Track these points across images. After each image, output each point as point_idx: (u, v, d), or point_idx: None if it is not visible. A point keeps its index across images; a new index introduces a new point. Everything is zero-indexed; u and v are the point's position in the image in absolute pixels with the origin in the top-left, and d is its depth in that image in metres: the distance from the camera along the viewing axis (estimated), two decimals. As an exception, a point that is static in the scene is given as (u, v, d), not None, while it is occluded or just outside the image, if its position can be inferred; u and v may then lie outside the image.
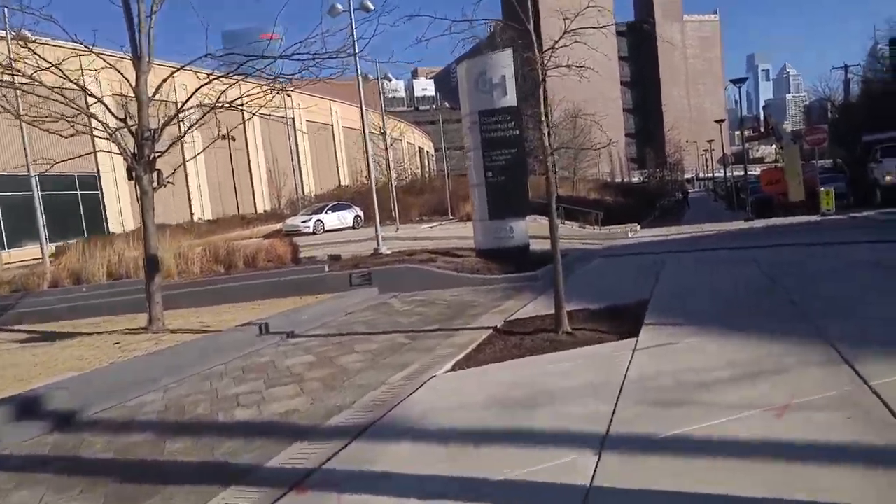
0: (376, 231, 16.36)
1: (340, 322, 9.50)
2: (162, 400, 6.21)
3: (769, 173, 27.81)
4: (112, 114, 10.26)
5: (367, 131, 16.46)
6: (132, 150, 10.24)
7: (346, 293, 11.83)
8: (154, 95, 10.42)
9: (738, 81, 24.91)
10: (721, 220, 27.75)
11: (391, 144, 39.62)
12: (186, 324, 10.32)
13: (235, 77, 10.35)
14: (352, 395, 5.63)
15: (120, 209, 31.71)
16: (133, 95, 10.24)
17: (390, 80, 31.60)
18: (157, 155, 10.29)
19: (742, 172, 46.79)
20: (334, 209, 33.66)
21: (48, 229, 29.43)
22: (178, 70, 10.52)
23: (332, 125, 47.34)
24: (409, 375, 6.02)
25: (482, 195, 14.48)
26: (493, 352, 6.69)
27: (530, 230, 26.65)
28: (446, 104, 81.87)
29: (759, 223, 22.84)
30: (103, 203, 30.83)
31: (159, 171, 10.34)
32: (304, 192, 42.21)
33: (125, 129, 10.27)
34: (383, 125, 28.32)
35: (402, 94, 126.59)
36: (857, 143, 25.56)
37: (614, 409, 4.36)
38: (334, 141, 48.53)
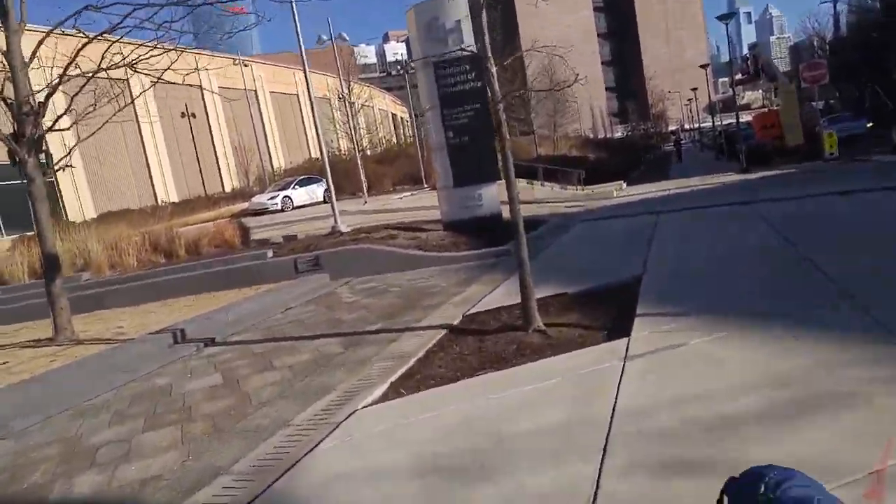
0: (332, 208, 14.68)
1: (272, 322, 7.94)
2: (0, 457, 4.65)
3: (763, 117, 26.09)
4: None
5: (312, 96, 14.64)
6: (11, 129, 8.45)
7: (292, 282, 10.26)
8: (31, 61, 8.58)
9: (725, 17, 22.98)
10: (712, 172, 26.20)
11: (358, 111, 37.58)
12: (101, 330, 8.71)
13: (122, 35, 8.51)
14: (240, 445, 4.10)
15: (77, 195, 29.62)
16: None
17: (345, 41, 29.25)
18: (42, 133, 8.49)
19: (729, 120, 45.17)
20: (303, 184, 31.75)
21: (2, 221, 27.52)
22: (56, 27, 8.63)
23: (298, 94, 44.95)
24: (325, 409, 4.48)
25: (444, 160, 12.82)
26: (443, 364, 5.16)
27: (505, 194, 25.12)
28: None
29: (755, 173, 21.34)
30: (58, 190, 28.71)
31: (47, 152, 8.58)
32: (272, 168, 40.11)
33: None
34: (342, 89, 26.32)
35: (373, 59, 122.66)
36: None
37: (598, 477, 2.86)
38: (301, 111, 46.15)
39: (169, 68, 9.21)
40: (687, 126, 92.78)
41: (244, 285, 10.51)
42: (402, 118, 66.63)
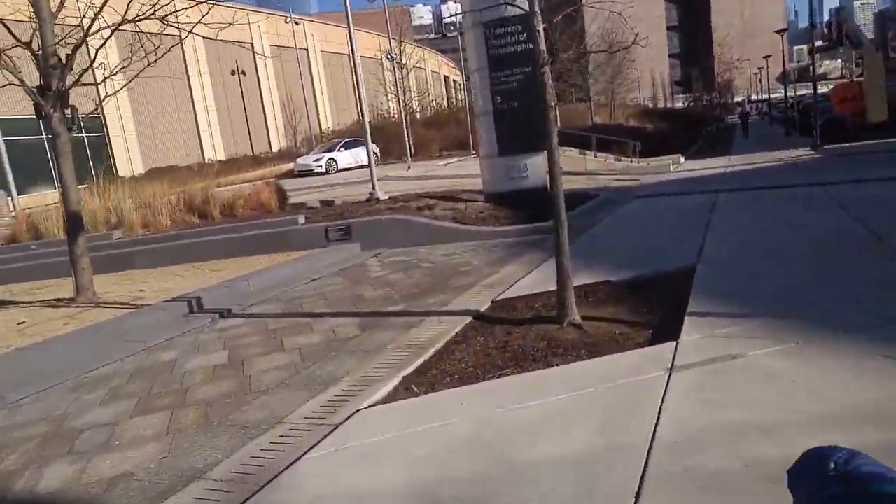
0: (371, 174, 14.18)
1: (295, 294, 7.52)
2: (-15, 434, 4.37)
3: (844, 89, 23.91)
4: (10, 32, 8.13)
5: (356, 54, 13.99)
6: (38, 82, 8.18)
7: (322, 251, 9.84)
8: (58, 12, 8.23)
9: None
10: (780, 147, 24.44)
11: (408, 73, 36.77)
12: (123, 293, 8.50)
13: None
14: (226, 443, 3.67)
15: (128, 151, 30.13)
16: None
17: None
18: (68, 87, 8.19)
19: (803, 92, 42.02)
20: (348, 146, 31.37)
21: (55, 173, 28.27)
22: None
23: (349, 55, 44.28)
24: (325, 405, 4.01)
25: (489, 126, 12.08)
26: (463, 358, 4.60)
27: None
28: (476, 29, 76.65)
29: (830, 150, 19.70)
30: (110, 145, 29.25)
31: (73, 107, 8.28)
32: (321, 129, 39.87)
33: (28, 55, 8.17)
34: (390, 49, 25.58)
35: (429, 20, 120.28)
36: None
37: (627, 538, 2.26)
38: (352, 72, 45.61)
39: (200, 21, 8.75)
40: (754, 97, 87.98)
41: (274, 251, 10.17)
42: (454, 81, 65.33)
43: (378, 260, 9.20)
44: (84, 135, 28.34)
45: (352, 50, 14.27)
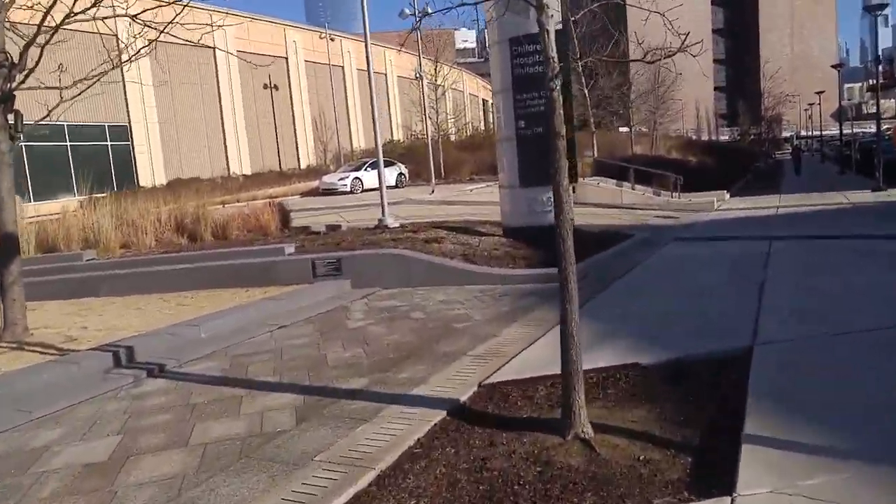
0: (381, 198, 12.90)
1: (248, 348, 6.18)
2: None
3: (905, 129, 21.98)
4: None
5: (371, 70, 12.80)
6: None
7: (306, 288, 8.55)
8: (10, 6, 7.18)
9: (874, 8, 19.14)
10: (836, 187, 22.42)
11: (442, 94, 35.78)
12: (60, 330, 7.22)
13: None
14: None
15: (151, 162, 29.67)
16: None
17: (429, 15, 27.24)
18: (10, 89, 7.08)
19: (859, 130, 39.73)
20: (375, 166, 30.27)
21: (76, 182, 27.81)
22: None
23: (386, 74, 43.68)
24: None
25: (511, 153, 10.71)
26: (414, 493, 3.16)
27: (590, 196, 22.41)
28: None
29: (895, 194, 17.72)
30: (134, 155, 28.84)
31: (18, 111, 7.15)
32: (352, 147, 39.10)
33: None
34: (419, 68, 24.57)
35: (472, 44, 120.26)
36: None
37: None
38: (387, 91, 44.89)
39: (173, 21, 7.62)
40: (803, 133, 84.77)
41: (254, 284, 8.90)
42: (492, 104, 64.43)
43: (366, 303, 7.82)
44: (109, 143, 28.02)
45: (368, 64, 13.10)
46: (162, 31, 7.74)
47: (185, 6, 8.07)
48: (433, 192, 22.77)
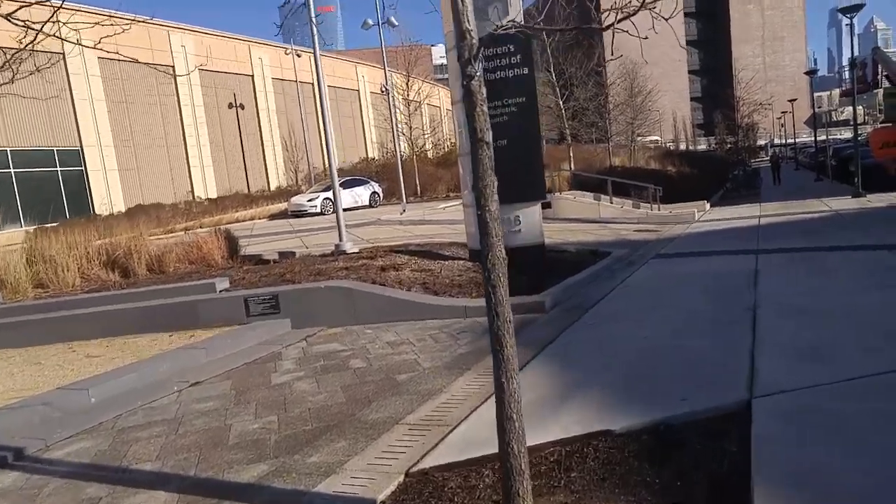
0: (338, 220, 11.86)
1: (143, 416, 5.07)
2: None
3: (884, 133, 21.50)
4: None
5: (322, 85, 11.81)
6: None
7: (237, 330, 7.46)
8: None
9: (849, 10, 18.61)
10: (815, 194, 21.81)
11: (416, 109, 34.98)
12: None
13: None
14: None
15: (107, 188, 28.29)
16: None
17: (395, 26, 26.63)
18: None
19: (831, 137, 39.53)
20: (347, 185, 29.26)
21: (24, 211, 26.39)
22: None
23: (359, 90, 42.75)
24: None
25: (473, 169, 9.70)
26: None
27: (567, 211, 21.53)
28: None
29: (874, 199, 17.09)
30: (87, 181, 27.46)
31: None
32: (324, 166, 38.03)
33: None
34: (385, 81, 23.72)
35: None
36: None
37: None
38: (360, 109, 43.93)
39: (66, 24, 6.55)
40: (777, 141, 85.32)
41: (180, 327, 7.79)
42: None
43: (302, 349, 6.74)
44: (58, 168, 26.62)
45: (318, 79, 12.14)
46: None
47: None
48: (404, 211, 21.78)
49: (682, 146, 69.42)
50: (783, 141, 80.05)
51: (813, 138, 41.40)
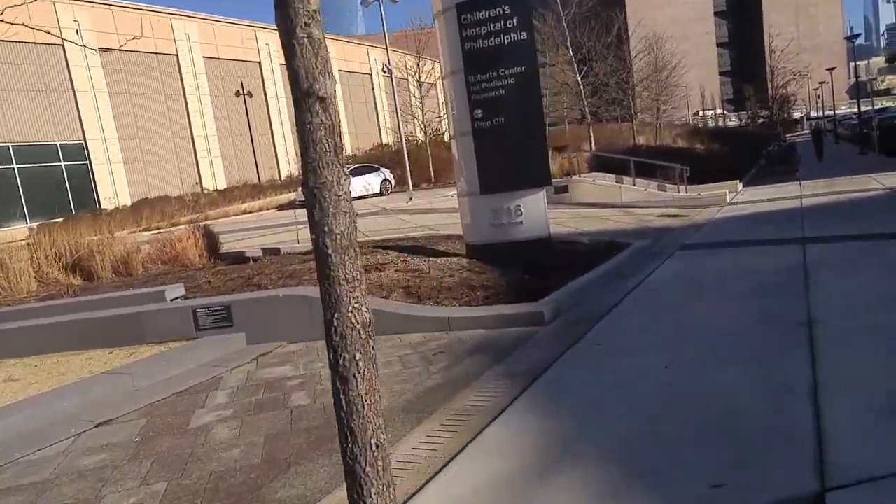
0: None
1: (16, 472, 3.99)
2: None
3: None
4: None
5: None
6: None
7: (183, 347, 6.35)
8: None
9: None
10: (861, 170, 19.94)
11: (428, 91, 33.64)
12: None
13: None
14: None
15: (113, 181, 27.59)
16: None
17: (395, 2, 25.27)
18: None
19: (874, 107, 37.16)
20: (357, 173, 28.15)
21: (28, 207, 25.81)
22: None
23: (371, 74, 41.44)
24: None
25: (468, 151, 8.50)
26: None
27: (585, 195, 20.05)
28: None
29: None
30: (92, 175, 26.80)
31: None
32: (337, 153, 36.97)
33: None
34: (387, 61, 22.47)
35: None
36: None
37: None
38: (374, 93, 42.62)
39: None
40: (813, 113, 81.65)
41: (123, 342, 6.74)
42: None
43: (246, 374, 5.59)
44: (62, 163, 25.99)
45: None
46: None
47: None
48: (411, 199, 20.57)
49: (711, 122, 66.72)
50: (820, 113, 76.57)
51: (853, 109, 38.86)
